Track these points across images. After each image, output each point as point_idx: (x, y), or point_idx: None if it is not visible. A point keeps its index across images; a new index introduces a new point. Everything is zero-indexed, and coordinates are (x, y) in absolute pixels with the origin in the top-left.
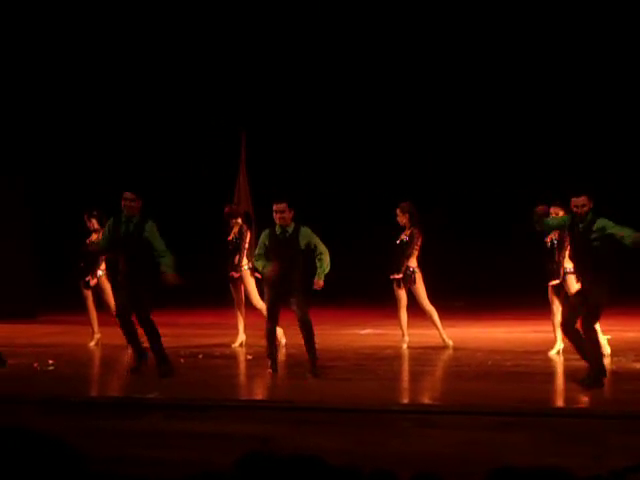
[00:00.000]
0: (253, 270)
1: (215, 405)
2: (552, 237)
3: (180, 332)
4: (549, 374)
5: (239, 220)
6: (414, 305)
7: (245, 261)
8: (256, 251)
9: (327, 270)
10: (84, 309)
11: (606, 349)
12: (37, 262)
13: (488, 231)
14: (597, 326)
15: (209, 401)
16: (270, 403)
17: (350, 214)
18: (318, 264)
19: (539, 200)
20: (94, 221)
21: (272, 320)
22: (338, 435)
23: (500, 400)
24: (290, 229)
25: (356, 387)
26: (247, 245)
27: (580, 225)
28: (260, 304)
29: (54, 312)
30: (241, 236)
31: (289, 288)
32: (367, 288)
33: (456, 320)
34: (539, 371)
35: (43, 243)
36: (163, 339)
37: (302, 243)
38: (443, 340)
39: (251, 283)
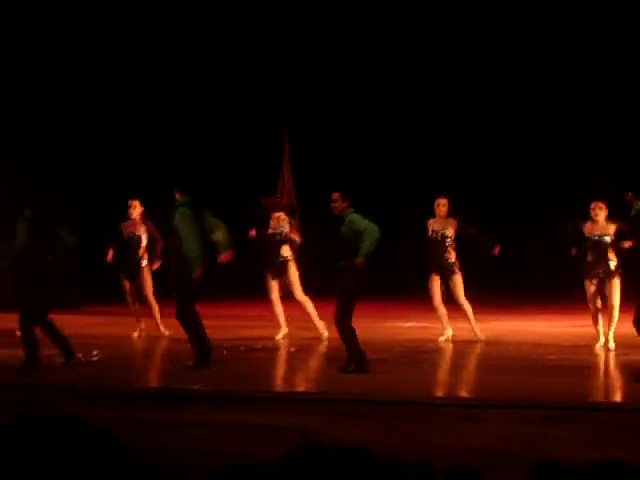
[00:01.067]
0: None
1: (257, 397)
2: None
3: (223, 324)
4: (592, 368)
5: (281, 214)
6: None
7: (289, 252)
8: None
9: (367, 249)
10: (124, 300)
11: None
12: (80, 253)
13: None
14: None
15: (251, 393)
16: (311, 395)
17: (393, 208)
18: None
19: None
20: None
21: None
22: (378, 427)
23: (541, 394)
24: (341, 218)
25: (397, 379)
26: (294, 237)
27: None
28: (302, 296)
29: (99, 303)
30: (284, 228)
31: (338, 277)
32: (411, 281)
33: (501, 314)
34: (582, 365)
35: (86, 233)
36: (207, 330)
37: (345, 229)
38: (475, 333)
39: (294, 274)
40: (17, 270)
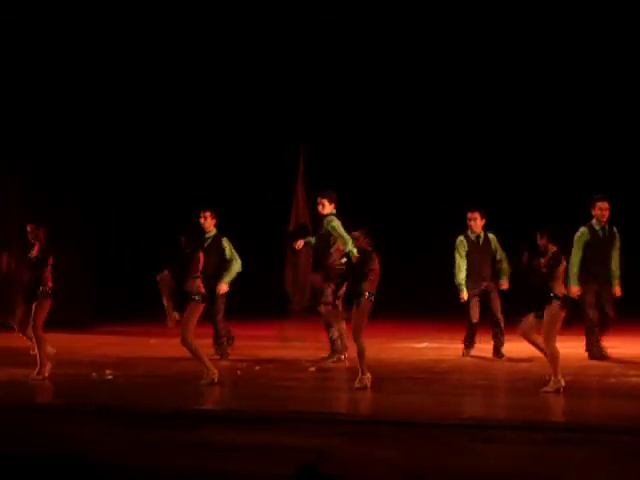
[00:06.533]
0: None
1: (270, 417)
2: None
3: (237, 344)
4: (604, 390)
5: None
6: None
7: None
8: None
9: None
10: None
11: None
12: (96, 273)
13: None
14: None
15: (264, 413)
16: (325, 415)
17: (409, 226)
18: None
19: None
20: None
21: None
22: (391, 449)
23: (555, 415)
24: (482, 236)
25: (411, 401)
26: None
27: None
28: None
29: (111, 323)
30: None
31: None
32: (425, 301)
33: (512, 334)
34: (595, 386)
35: (102, 254)
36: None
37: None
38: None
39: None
40: None
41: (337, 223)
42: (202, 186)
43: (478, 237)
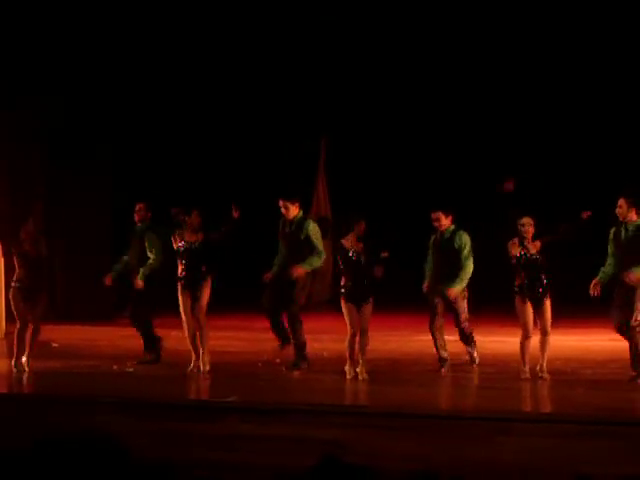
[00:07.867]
0: None
1: (291, 409)
2: None
3: (257, 337)
4: (626, 383)
5: None
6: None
7: None
8: None
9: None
10: None
11: None
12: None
13: None
14: None
15: (285, 405)
16: (345, 408)
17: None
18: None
19: None
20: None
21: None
22: (413, 441)
23: (575, 408)
24: (447, 234)
25: (431, 393)
26: None
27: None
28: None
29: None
30: None
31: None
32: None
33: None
34: (617, 379)
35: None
36: (241, 343)
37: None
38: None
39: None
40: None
41: (317, 230)
42: (224, 180)
43: (443, 235)
